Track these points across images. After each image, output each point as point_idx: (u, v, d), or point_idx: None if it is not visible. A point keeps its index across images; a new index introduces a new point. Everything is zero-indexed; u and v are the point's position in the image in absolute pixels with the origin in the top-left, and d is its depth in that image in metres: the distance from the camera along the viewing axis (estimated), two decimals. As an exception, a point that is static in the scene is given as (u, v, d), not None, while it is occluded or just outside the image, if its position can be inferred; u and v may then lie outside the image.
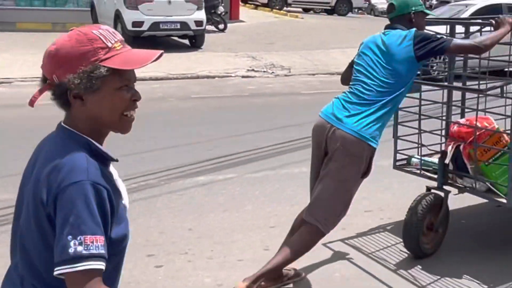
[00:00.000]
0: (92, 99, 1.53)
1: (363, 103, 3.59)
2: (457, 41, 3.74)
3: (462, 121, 4.29)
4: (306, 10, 29.49)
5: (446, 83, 4.91)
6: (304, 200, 5.26)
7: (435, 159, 4.44)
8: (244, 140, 7.20)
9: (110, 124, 1.58)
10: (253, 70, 12.89)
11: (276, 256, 3.65)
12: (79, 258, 1.42)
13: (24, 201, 1.58)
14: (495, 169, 3.97)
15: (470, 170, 4.07)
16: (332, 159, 3.61)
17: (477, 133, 3.96)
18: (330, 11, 28.45)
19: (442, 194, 4.17)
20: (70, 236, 1.43)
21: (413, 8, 3.76)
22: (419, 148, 4.43)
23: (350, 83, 3.76)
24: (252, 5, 27.91)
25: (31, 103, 1.57)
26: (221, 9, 18.10)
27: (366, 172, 3.70)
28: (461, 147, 4.08)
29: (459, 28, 4.84)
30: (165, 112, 8.92)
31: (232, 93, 10.71)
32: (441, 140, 4.60)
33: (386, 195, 5.47)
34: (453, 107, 4.65)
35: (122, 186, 1.64)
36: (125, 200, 1.64)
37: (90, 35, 1.54)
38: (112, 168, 1.63)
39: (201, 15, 14.67)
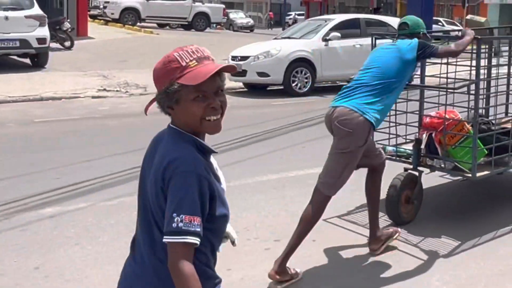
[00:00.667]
0: (178, 109, 2.01)
1: (359, 86, 4.52)
2: (443, 47, 5.02)
3: (433, 113, 5.48)
4: (161, 26, 29.52)
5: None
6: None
7: (406, 146, 5.72)
8: (96, 165, 6.97)
9: (195, 127, 2.02)
10: (104, 89, 12.59)
11: (294, 233, 4.37)
12: (179, 232, 1.89)
13: (146, 186, 2.05)
14: (460, 151, 5.23)
15: (440, 152, 5.25)
16: (334, 136, 4.49)
17: (446, 123, 5.17)
18: (187, 27, 28.65)
19: (416, 173, 5.36)
20: (175, 214, 1.90)
21: (422, 29, 5.01)
22: (393, 139, 5.60)
23: None
24: (102, 21, 27.44)
25: (145, 110, 2.15)
26: (66, 25, 17.62)
27: (365, 143, 4.46)
28: (433, 134, 5.28)
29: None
30: (2, 139, 8.43)
31: (82, 115, 10.37)
32: (406, 132, 5.91)
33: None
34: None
35: (220, 173, 2.11)
36: (223, 184, 2.11)
37: (171, 57, 1.99)
38: (212, 159, 2.09)
39: (44, 31, 14.23)
